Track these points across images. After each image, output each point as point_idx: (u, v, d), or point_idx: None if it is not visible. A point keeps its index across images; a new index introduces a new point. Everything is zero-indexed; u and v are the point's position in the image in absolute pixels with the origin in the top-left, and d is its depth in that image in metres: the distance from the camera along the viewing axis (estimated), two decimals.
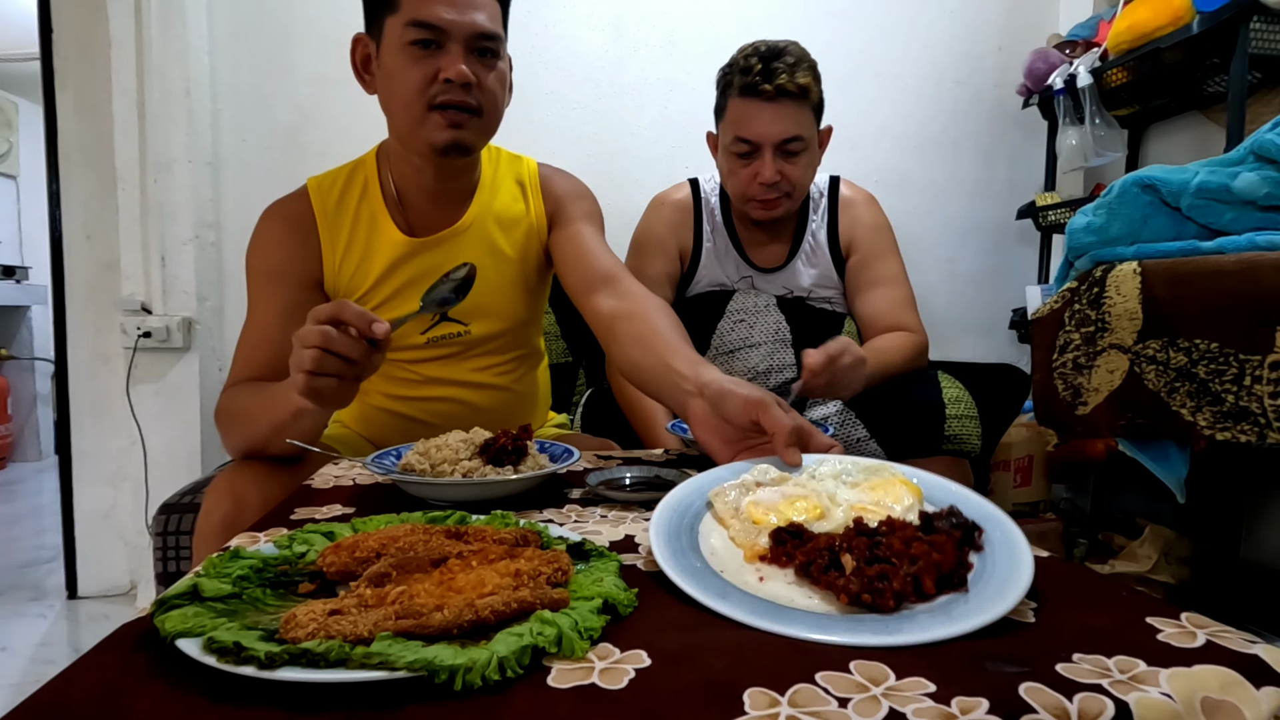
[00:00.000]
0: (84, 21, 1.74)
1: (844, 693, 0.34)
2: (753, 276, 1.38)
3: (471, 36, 0.90)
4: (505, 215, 1.06)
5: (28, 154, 3.75)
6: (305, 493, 0.74)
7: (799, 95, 1.20)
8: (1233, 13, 1.42)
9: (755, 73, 1.20)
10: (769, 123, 1.21)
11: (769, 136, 1.21)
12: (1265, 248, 0.85)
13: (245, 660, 0.34)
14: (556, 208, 1.09)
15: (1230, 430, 0.87)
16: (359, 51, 0.99)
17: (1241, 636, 0.40)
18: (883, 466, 0.61)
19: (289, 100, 1.82)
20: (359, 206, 1.02)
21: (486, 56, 0.93)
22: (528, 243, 1.08)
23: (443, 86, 0.90)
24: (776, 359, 1.31)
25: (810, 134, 1.25)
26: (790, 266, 1.38)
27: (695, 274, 1.39)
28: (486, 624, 0.38)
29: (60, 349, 1.82)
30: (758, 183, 1.24)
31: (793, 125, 1.21)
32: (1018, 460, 1.84)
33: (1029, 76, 1.94)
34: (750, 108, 1.21)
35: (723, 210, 1.39)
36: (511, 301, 1.08)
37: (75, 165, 1.79)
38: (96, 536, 1.85)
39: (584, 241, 1.03)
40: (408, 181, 1.01)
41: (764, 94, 1.19)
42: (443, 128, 0.92)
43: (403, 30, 0.89)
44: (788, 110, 1.20)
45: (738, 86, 1.22)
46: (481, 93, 0.92)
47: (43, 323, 3.58)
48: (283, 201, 1.03)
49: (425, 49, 0.90)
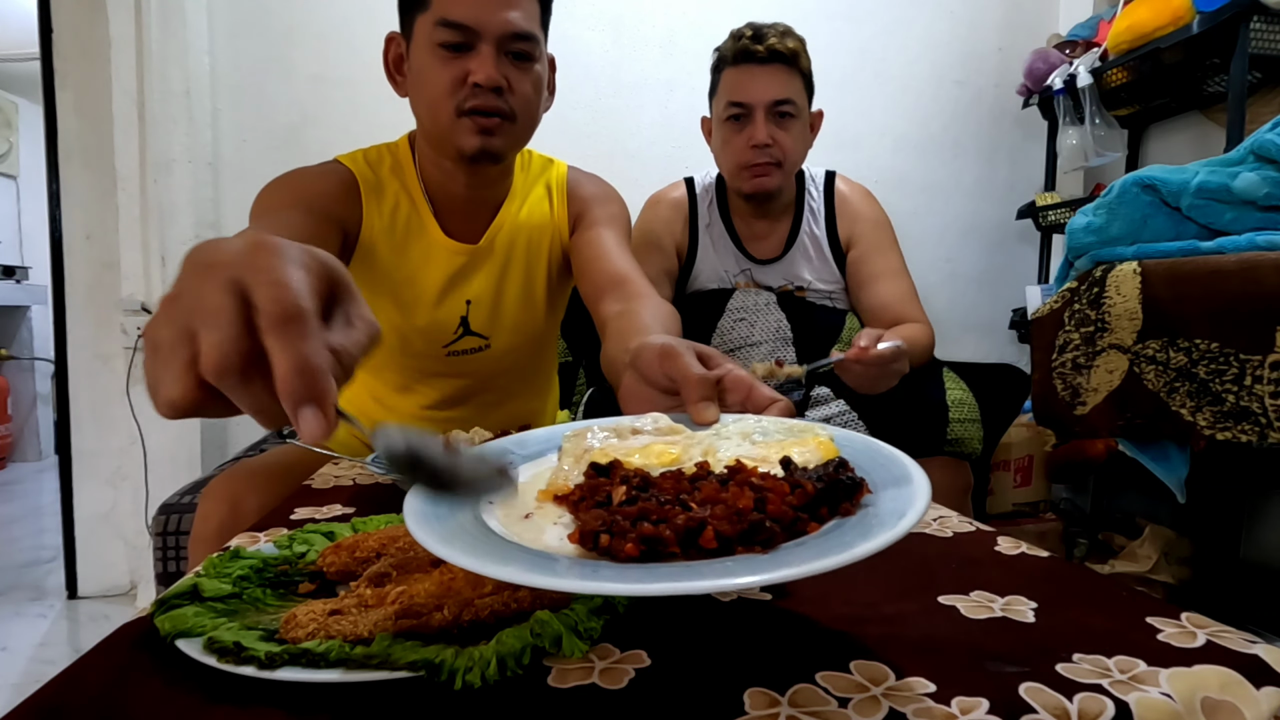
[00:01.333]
0: (84, 21, 1.74)
1: (844, 693, 0.34)
2: (751, 269, 1.39)
3: (504, 37, 0.85)
4: (532, 225, 1.03)
5: (28, 154, 3.75)
6: (305, 493, 0.74)
7: (789, 60, 1.25)
8: (1233, 13, 1.42)
9: (746, 38, 1.24)
10: (762, 86, 1.24)
11: (761, 97, 1.24)
12: (1265, 248, 0.85)
13: (245, 660, 0.34)
14: (581, 211, 1.05)
15: (1231, 430, 0.87)
16: (391, 51, 0.94)
17: (1241, 636, 0.40)
18: (809, 428, 0.47)
19: (289, 100, 1.82)
20: (400, 194, 0.97)
21: (521, 59, 0.88)
22: (552, 251, 1.05)
23: (472, 91, 0.85)
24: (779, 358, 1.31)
25: (801, 102, 1.28)
26: (788, 257, 1.38)
27: (693, 269, 1.40)
28: (486, 624, 0.38)
29: (60, 349, 1.82)
30: (750, 145, 1.26)
31: (783, 88, 1.25)
32: (1018, 460, 1.84)
33: (1029, 76, 1.94)
34: (742, 73, 1.25)
35: (719, 203, 1.40)
36: (534, 316, 1.06)
37: (75, 165, 1.79)
38: (96, 536, 1.85)
39: (601, 245, 0.99)
40: (439, 184, 0.97)
41: (756, 55, 1.24)
42: (472, 134, 0.87)
43: (432, 30, 0.85)
44: (779, 74, 1.24)
45: (731, 54, 1.26)
46: (514, 97, 0.88)
47: (43, 323, 3.58)
48: (311, 166, 0.95)
49: (455, 51, 0.85)
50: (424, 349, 1.00)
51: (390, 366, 1.03)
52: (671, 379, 0.53)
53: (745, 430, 0.48)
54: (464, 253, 0.98)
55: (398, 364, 1.03)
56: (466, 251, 0.99)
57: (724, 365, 0.54)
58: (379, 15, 1.80)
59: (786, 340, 1.33)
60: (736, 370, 0.53)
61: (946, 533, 0.61)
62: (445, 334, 1.00)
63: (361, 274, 0.95)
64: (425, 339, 1.00)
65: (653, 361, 0.54)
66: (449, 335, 1.00)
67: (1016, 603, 0.45)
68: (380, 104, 1.79)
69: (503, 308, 1.02)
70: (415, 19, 0.87)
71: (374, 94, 1.79)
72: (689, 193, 1.42)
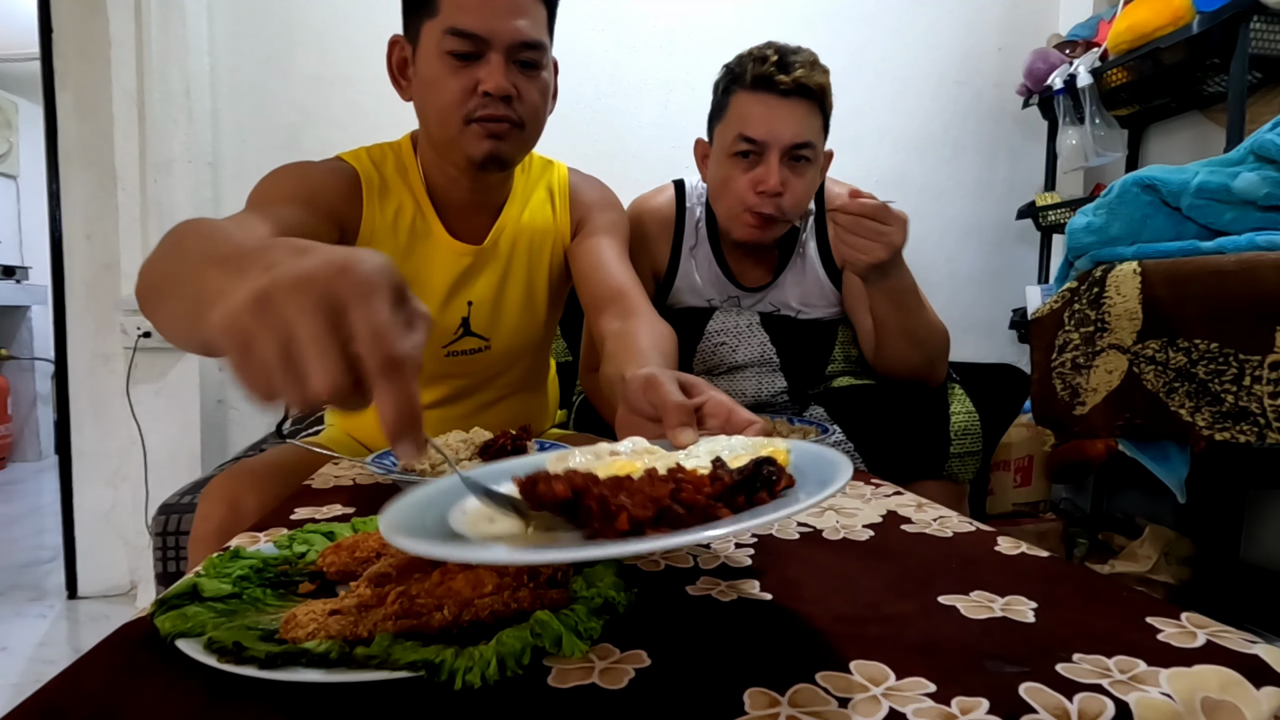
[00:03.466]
0: (84, 21, 1.74)
1: (844, 693, 0.34)
2: (739, 296, 1.25)
3: (513, 46, 0.85)
4: (534, 228, 1.03)
5: (28, 154, 3.75)
6: (305, 493, 0.74)
7: (815, 97, 1.08)
8: (1233, 13, 1.43)
9: (771, 63, 1.07)
10: (781, 122, 1.07)
11: (779, 137, 1.07)
12: (1265, 248, 0.85)
13: (245, 660, 0.34)
14: (583, 217, 1.05)
15: (1229, 430, 0.87)
16: (395, 55, 0.93)
17: (1241, 636, 0.40)
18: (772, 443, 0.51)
19: (289, 100, 1.82)
20: (403, 194, 0.97)
21: (529, 67, 0.88)
22: (553, 255, 1.05)
23: (482, 100, 0.85)
24: (765, 385, 1.23)
25: (819, 146, 1.12)
26: (777, 283, 1.24)
27: (671, 290, 1.25)
28: (486, 624, 0.38)
29: (60, 349, 1.82)
30: (758, 190, 1.10)
31: (805, 129, 1.08)
32: (1018, 460, 1.84)
33: (1029, 76, 1.94)
34: (761, 103, 1.08)
35: (708, 222, 1.25)
36: (534, 317, 1.06)
37: (75, 165, 1.79)
38: (96, 536, 1.85)
39: (600, 255, 1.00)
40: (442, 186, 0.97)
41: (779, 87, 1.06)
42: (481, 139, 0.87)
43: (441, 37, 0.84)
44: (801, 112, 1.08)
45: (749, 78, 1.08)
46: (523, 105, 0.88)
47: (43, 323, 3.58)
48: (315, 161, 0.94)
49: (464, 60, 0.85)
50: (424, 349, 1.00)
51: None
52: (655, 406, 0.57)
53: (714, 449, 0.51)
54: (469, 254, 0.99)
55: None
56: (471, 252, 0.99)
57: (705, 393, 0.58)
58: (379, 15, 1.80)
59: (773, 366, 1.22)
60: (717, 397, 0.58)
61: (946, 533, 0.61)
62: (446, 334, 1.00)
63: None
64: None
65: (638, 392, 0.59)
66: (449, 336, 1.01)
67: (1016, 603, 0.45)
68: (380, 104, 1.79)
69: (503, 309, 1.03)
70: (423, 24, 0.87)
71: (374, 94, 1.79)
72: (678, 202, 1.26)
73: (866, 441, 1.07)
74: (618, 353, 0.83)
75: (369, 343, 0.33)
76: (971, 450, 1.09)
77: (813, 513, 0.67)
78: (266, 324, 0.32)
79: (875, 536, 0.60)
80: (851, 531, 0.62)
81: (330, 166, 0.93)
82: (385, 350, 0.33)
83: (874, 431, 1.08)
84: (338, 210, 0.90)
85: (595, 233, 1.03)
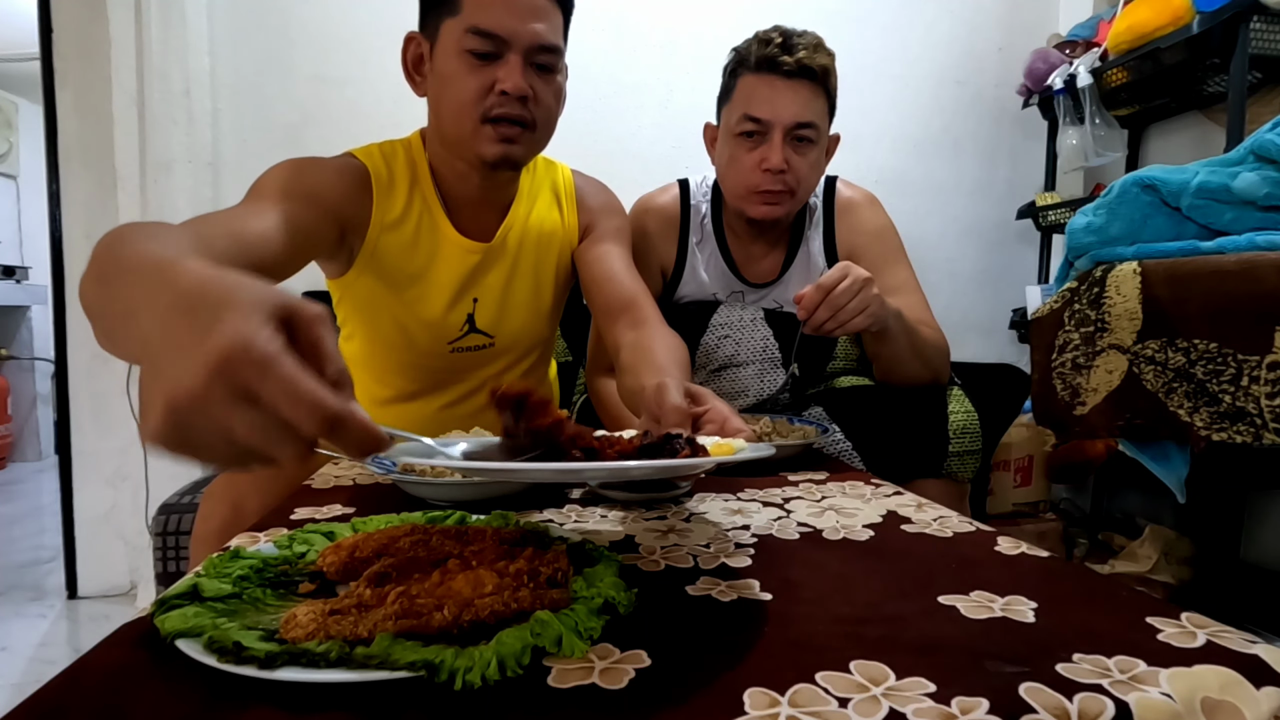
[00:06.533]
0: (84, 21, 1.74)
1: (844, 693, 0.34)
2: (744, 292, 1.28)
3: (532, 48, 0.87)
4: (541, 228, 1.04)
5: (28, 154, 3.75)
6: (305, 493, 0.74)
7: (818, 78, 1.13)
8: (1233, 13, 1.42)
9: (775, 45, 1.11)
10: (784, 102, 1.11)
11: (782, 117, 1.11)
12: (1265, 248, 0.85)
13: (245, 660, 0.34)
14: (590, 221, 1.07)
15: (1226, 431, 0.87)
16: (411, 50, 0.93)
17: (1241, 636, 0.40)
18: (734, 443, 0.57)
19: (289, 100, 1.82)
20: (412, 190, 0.97)
21: (545, 70, 0.89)
22: (560, 256, 1.07)
23: (498, 99, 0.86)
24: (767, 380, 1.24)
25: (823, 128, 1.16)
26: (783, 280, 1.27)
27: (677, 288, 1.28)
28: (486, 624, 0.38)
29: (60, 349, 1.82)
30: (763, 169, 1.13)
31: (807, 110, 1.12)
32: (1018, 460, 1.84)
33: (1029, 76, 1.94)
34: (765, 84, 1.12)
35: (714, 218, 1.28)
36: (539, 316, 1.07)
37: (75, 165, 1.79)
38: (96, 536, 1.85)
39: (610, 264, 1.02)
40: (451, 183, 0.98)
41: (783, 68, 1.10)
42: (494, 141, 0.88)
43: (462, 36, 0.85)
44: (804, 93, 1.12)
45: (754, 60, 1.12)
46: (537, 107, 0.89)
47: (43, 323, 3.58)
48: (325, 158, 0.94)
49: (483, 59, 0.86)
50: (429, 346, 1.01)
51: (392, 362, 1.04)
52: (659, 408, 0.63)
53: None
54: (478, 251, 0.99)
55: (400, 360, 1.03)
56: (480, 250, 0.99)
57: (709, 403, 0.65)
58: (379, 15, 1.80)
59: (775, 361, 1.23)
60: (719, 406, 0.65)
61: (946, 533, 0.61)
62: (451, 331, 1.01)
63: (368, 269, 0.96)
64: (431, 335, 1.00)
65: (650, 400, 0.66)
66: (455, 332, 1.01)
67: (1016, 603, 0.45)
68: (380, 104, 1.80)
69: (509, 307, 1.03)
70: (443, 22, 0.87)
71: (374, 94, 1.79)
72: (682, 200, 1.29)
73: (866, 441, 1.08)
74: (636, 365, 0.86)
75: (299, 413, 0.32)
76: (971, 449, 1.09)
77: (813, 513, 0.67)
78: (197, 438, 0.33)
79: (875, 536, 0.60)
80: (851, 531, 0.62)
81: (339, 164, 0.94)
82: (318, 414, 0.32)
83: (873, 431, 1.09)
84: (339, 208, 0.90)
85: (603, 239, 1.05)
